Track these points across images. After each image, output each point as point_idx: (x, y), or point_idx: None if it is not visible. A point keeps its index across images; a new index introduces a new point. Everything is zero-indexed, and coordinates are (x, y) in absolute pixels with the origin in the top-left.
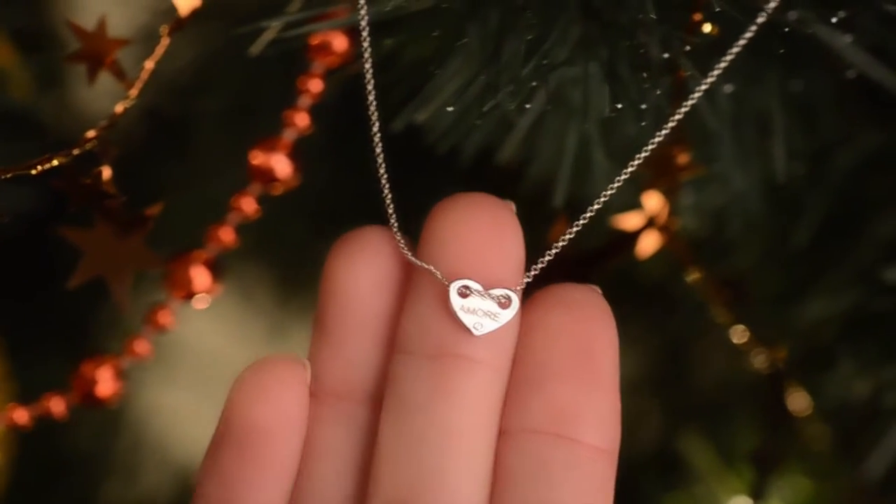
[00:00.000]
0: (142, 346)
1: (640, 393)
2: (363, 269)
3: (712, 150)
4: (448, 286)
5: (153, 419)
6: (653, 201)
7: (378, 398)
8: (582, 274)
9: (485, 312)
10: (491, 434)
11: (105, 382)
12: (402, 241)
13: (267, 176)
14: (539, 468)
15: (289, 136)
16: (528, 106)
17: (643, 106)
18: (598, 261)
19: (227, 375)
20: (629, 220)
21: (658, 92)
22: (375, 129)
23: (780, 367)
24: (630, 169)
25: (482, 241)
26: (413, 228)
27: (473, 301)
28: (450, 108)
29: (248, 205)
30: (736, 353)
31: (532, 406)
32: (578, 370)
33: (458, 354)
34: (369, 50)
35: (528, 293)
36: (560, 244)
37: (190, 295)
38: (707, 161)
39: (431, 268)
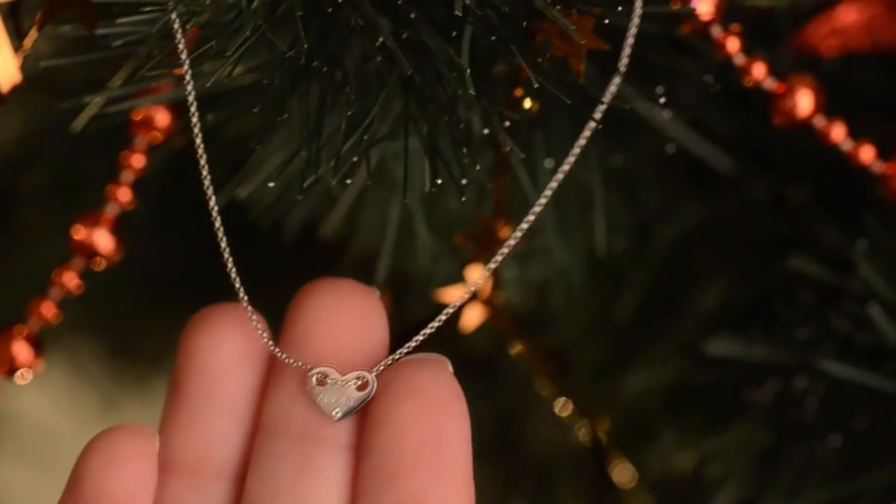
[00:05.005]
0: None
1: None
2: (221, 345)
3: (534, 225)
4: (308, 373)
5: None
6: (476, 275)
7: (232, 474)
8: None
9: (342, 398)
10: None
11: None
12: (257, 323)
13: (89, 251)
14: None
15: (111, 211)
16: (349, 181)
17: (464, 181)
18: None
19: (58, 447)
20: (452, 294)
21: (478, 167)
22: (212, 203)
23: (602, 439)
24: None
25: (341, 327)
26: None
27: (330, 389)
28: (271, 184)
29: (70, 279)
30: (561, 425)
31: (383, 501)
32: (428, 462)
33: (320, 437)
34: (199, 125)
35: None
36: (429, 329)
37: (12, 370)
38: (529, 235)
39: (286, 357)
